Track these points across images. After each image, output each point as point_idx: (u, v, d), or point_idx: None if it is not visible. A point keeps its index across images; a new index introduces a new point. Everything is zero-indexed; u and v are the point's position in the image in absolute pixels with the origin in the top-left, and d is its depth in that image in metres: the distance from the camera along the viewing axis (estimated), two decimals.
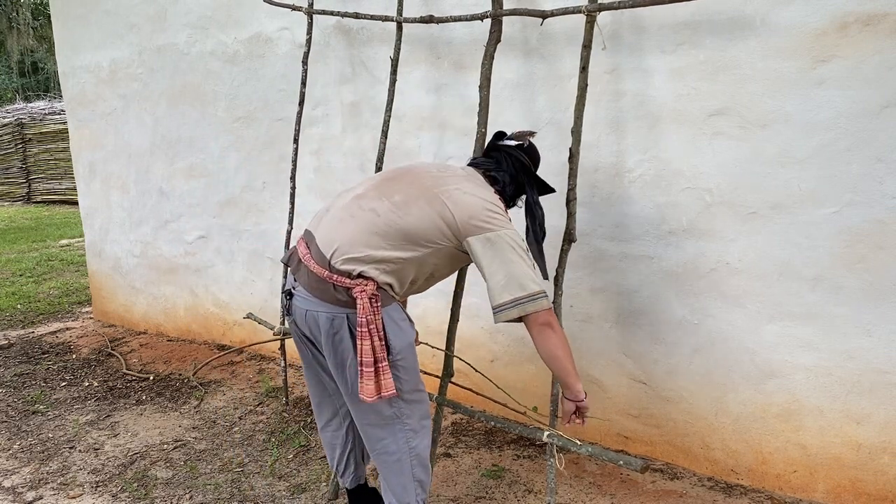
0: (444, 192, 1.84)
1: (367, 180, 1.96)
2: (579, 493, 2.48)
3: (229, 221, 4.02)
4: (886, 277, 2.09)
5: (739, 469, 2.46)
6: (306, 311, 1.83)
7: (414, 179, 1.89)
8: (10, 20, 22.87)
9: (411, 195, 1.84)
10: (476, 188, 1.89)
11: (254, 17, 3.58)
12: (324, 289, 1.80)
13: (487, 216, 1.83)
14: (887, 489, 2.19)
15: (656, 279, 2.52)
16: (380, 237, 1.81)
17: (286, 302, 1.90)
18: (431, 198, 1.83)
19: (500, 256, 1.80)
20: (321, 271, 1.79)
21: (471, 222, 1.81)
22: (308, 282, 1.82)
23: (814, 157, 2.14)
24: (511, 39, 2.65)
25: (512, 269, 1.80)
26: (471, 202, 1.83)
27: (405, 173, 1.94)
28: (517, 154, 2.04)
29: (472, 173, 1.98)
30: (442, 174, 1.92)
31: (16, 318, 5.21)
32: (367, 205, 1.84)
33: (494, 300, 1.82)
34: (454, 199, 1.83)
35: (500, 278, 1.80)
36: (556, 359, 1.86)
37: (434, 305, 3.21)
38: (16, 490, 2.67)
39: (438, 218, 1.81)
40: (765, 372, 2.35)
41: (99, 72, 4.51)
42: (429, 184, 1.87)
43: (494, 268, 1.80)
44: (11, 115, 13.96)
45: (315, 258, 1.81)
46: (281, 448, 2.93)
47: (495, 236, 1.81)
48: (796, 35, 2.10)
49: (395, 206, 1.83)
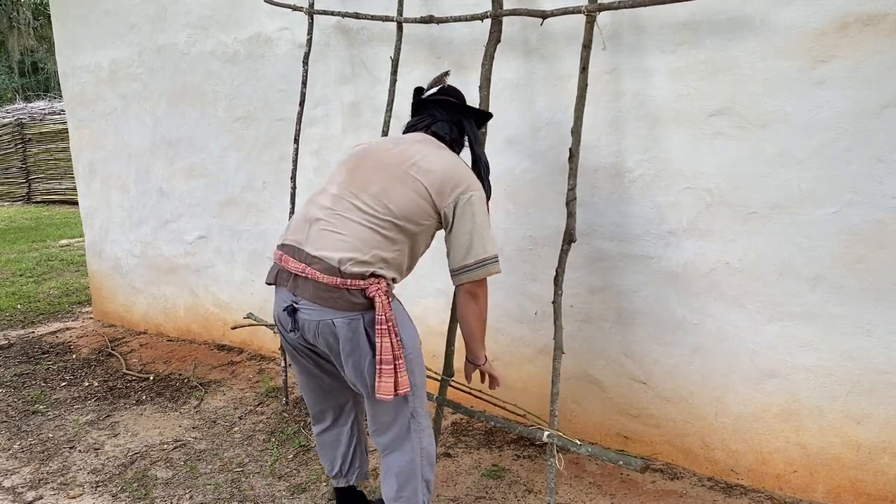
0: (411, 167, 1.87)
1: (332, 178, 1.95)
2: (579, 493, 2.48)
3: (229, 221, 4.02)
4: (886, 277, 2.09)
5: (739, 469, 2.46)
6: (319, 321, 1.81)
7: (378, 164, 1.90)
8: (10, 20, 22.87)
9: (385, 181, 1.86)
10: (433, 151, 1.93)
11: (254, 17, 3.58)
12: (337, 296, 1.79)
13: (455, 179, 1.88)
14: (887, 489, 2.19)
15: (656, 279, 2.52)
16: (379, 234, 1.83)
17: (288, 319, 1.86)
18: (403, 177, 1.86)
19: (471, 219, 1.87)
20: (332, 280, 1.78)
21: (443, 190, 1.86)
22: (316, 293, 1.80)
23: (814, 157, 2.14)
24: (511, 39, 2.65)
25: (479, 231, 1.87)
26: (436, 169, 1.87)
27: (366, 159, 1.94)
28: (443, 99, 2.06)
29: (422, 137, 2.00)
30: (399, 148, 1.93)
31: (16, 318, 5.21)
32: (350, 204, 1.86)
33: (459, 262, 1.89)
34: (422, 171, 1.87)
35: (467, 240, 1.87)
36: (478, 321, 1.97)
37: (434, 305, 3.21)
38: (16, 490, 2.67)
39: (417, 196, 1.85)
40: (765, 372, 2.35)
41: (99, 72, 4.51)
42: (394, 162, 1.89)
43: (464, 229, 1.87)
44: (11, 115, 13.97)
45: (321, 269, 1.79)
46: (281, 448, 2.93)
47: (466, 199, 1.87)
48: (796, 35, 2.10)
49: (376, 199, 1.85)
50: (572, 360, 2.75)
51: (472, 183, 1.90)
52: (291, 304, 1.84)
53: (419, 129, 2.05)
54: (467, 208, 1.86)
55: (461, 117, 2.07)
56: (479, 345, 2.03)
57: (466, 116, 2.08)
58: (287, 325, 1.87)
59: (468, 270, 1.89)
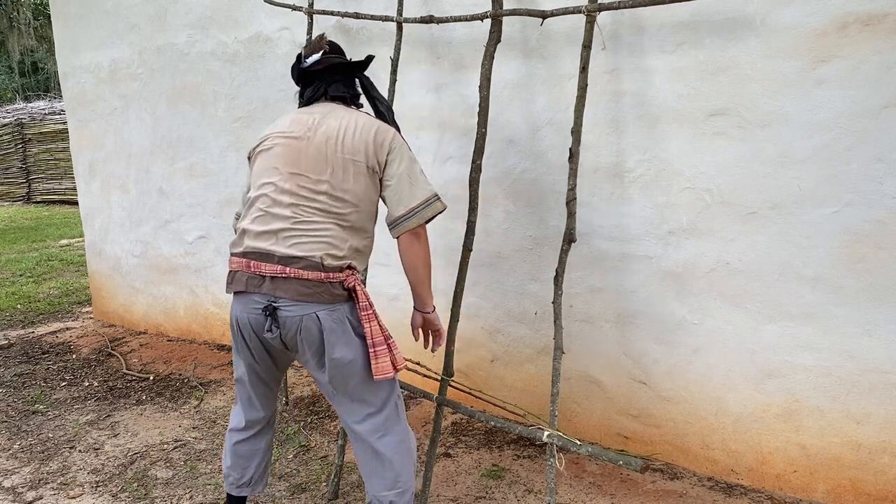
0: (342, 151, 1.92)
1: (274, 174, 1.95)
2: (579, 493, 2.48)
3: (230, 221, 4.02)
4: (886, 277, 2.09)
5: (739, 469, 2.46)
6: (302, 316, 1.84)
7: (316, 150, 1.92)
8: (10, 20, 22.87)
9: (334, 166, 1.91)
10: (346, 121, 1.96)
11: (254, 17, 3.58)
12: (321, 290, 1.85)
13: (378, 137, 1.95)
14: (887, 489, 2.19)
15: (656, 279, 2.52)
16: (349, 228, 1.92)
17: (265, 319, 1.87)
18: (343, 165, 1.91)
19: (407, 164, 1.96)
20: (317, 275, 1.84)
21: (375, 152, 1.93)
22: (299, 290, 1.84)
23: (814, 157, 2.14)
24: (511, 39, 2.65)
25: (415, 174, 1.97)
26: (359, 139, 1.93)
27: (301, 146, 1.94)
28: (328, 61, 2.05)
29: (328, 109, 2.01)
30: (318, 133, 1.95)
31: (16, 318, 5.21)
32: (312, 208, 1.89)
33: (405, 206, 1.93)
34: (352, 151, 1.91)
35: (406, 184, 1.94)
36: (425, 264, 2.01)
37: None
38: (16, 490, 2.67)
39: (362, 176, 1.92)
40: (765, 372, 2.35)
41: (99, 72, 4.51)
42: (328, 153, 1.92)
43: (401, 176, 1.94)
44: (11, 115, 13.97)
45: (303, 267, 1.84)
46: (281, 448, 2.93)
47: (395, 148, 1.96)
48: (796, 35, 2.10)
49: (332, 195, 1.90)
50: (572, 360, 2.75)
51: (390, 133, 1.98)
52: (269, 304, 1.86)
53: (323, 99, 2.06)
54: (397, 156, 1.95)
55: (350, 71, 2.11)
56: (428, 291, 2.07)
57: (356, 71, 2.13)
58: (262, 325, 1.89)
59: (415, 214, 1.94)
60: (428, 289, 2.06)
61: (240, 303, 1.93)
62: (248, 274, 1.90)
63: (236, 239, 1.97)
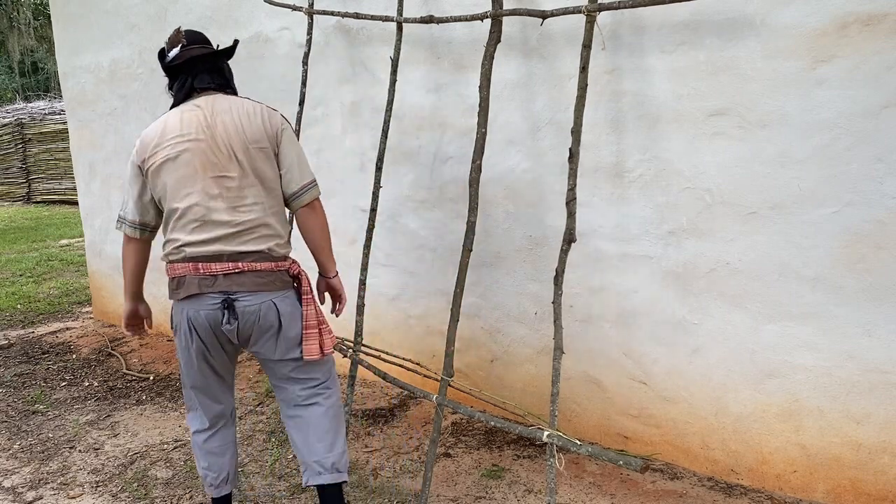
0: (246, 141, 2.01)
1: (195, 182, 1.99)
2: (579, 493, 2.48)
3: None
4: (886, 277, 2.09)
5: (739, 469, 2.46)
6: (261, 304, 1.99)
7: (225, 147, 2.00)
8: (10, 20, 22.87)
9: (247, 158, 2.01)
10: (235, 105, 2.06)
11: (254, 17, 3.58)
12: (274, 279, 2.01)
13: (268, 121, 2.06)
14: (887, 489, 2.19)
15: (656, 279, 2.52)
16: (280, 216, 2.08)
17: (222, 314, 1.96)
18: (255, 155, 2.02)
19: (295, 145, 2.12)
20: (268, 265, 2.00)
21: (270, 136, 2.05)
22: (254, 282, 1.98)
23: (814, 157, 2.14)
24: (511, 39, 2.65)
25: (303, 155, 2.14)
26: (257, 122, 2.04)
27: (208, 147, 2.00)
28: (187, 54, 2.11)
29: (209, 102, 2.07)
30: (217, 120, 2.02)
31: (16, 318, 5.21)
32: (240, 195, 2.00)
33: (299, 182, 2.08)
34: (254, 139, 2.02)
35: (296, 163, 2.09)
36: (325, 232, 2.17)
37: (434, 305, 3.21)
38: (16, 490, 2.67)
39: (269, 158, 2.04)
40: (765, 372, 2.35)
41: (99, 72, 4.51)
42: (233, 137, 2.01)
43: (294, 155, 2.09)
44: (11, 115, 13.97)
45: (255, 260, 1.99)
46: (281, 448, 2.93)
47: (284, 129, 2.09)
48: (796, 35, 2.10)
49: (255, 179, 2.01)
50: (572, 360, 2.75)
51: (277, 114, 2.12)
52: (226, 299, 1.96)
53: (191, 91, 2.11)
54: (287, 137, 2.09)
55: (215, 61, 2.16)
56: (330, 257, 2.22)
57: (222, 59, 2.20)
58: (219, 321, 1.98)
59: (309, 189, 2.11)
60: (329, 255, 2.21)
61: (191, 305, 1.99)
62: (198, 276, 1.97)
63: (172, 249, 2.03)
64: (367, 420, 3.15)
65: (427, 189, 3.10)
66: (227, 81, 2.19)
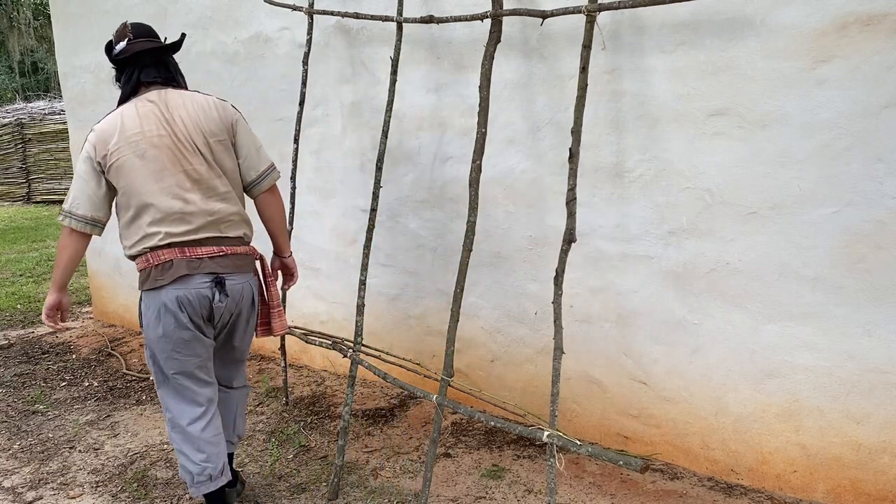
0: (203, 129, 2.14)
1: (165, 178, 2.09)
2: (579, 493, 2.48)
3: None
4: (886, 277, 2.09)
5: (739, 469, 2.46)
6: (243, 284, 2.19)
7: (188, 142, 2.11)
8: (10, 20, 22.87)
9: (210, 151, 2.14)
10: (188, 100, 2.16)
11: (254, 17, 3.58)
12: (248, 262, 2.24)
13: (226, 113, 2.21)
14: (887, 489, 2.19)
15: (656, 279, 2.52)
16: (238, 196, 2.23)
17: (212, 292, 2.09)
18: (215, 147, 2.15)
19: (251, 134, 2.27)
20: (245, 249, 2.21)
21: (226, 129, 2.18)
22: (236, 263, 2.17)
23: (814, 157, 2.14)
24: (511, 39, 2.65)
25: (259, 146, 2.27)
26: (213, 115, 2.17)
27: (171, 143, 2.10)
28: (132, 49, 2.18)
29: (164, 94, 2.16)
30: (175, 115, 2.12)
31: (16, 318, 5.21)
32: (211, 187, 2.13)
33: (260, 168, 2.25)
34: (212, 132, 2.15)
35: (255, 150, 2.25)
36: (283, 215, 2.37)
37: (434, 305, 3.21)
38: (16, 490, 2.67)
39: (228, 149, 2.19)
40: (765, 372, 2.35)
41: (99, 72, 4.50)
42: (193, 132, 2.13)
43: (251, 144, 2.25)
44: (11, 115, 13.96)
45: (234, 244, 2.18)
46: (281, 448, 2.93)
47: (238, 119, 2.24)
48: (796, 35, 2.10)
49: (220, 171, 2.16)
50: (572, 360, 2.75)
51: (228, 104, 2.25)
52: (217, 277, 2.10)
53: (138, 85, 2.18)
54: (241, 127, 2.24)
55: (160, 55, 2.22)
56: (285, 238, 2.44)
57: (168, 52, 2.26)
58: (210, 299, 2.09)
59: (268, 174, 2.27)
60: (285, 236, 2.43)
61: (179, 286, 2.07)
62: (186, 259, 2.08)
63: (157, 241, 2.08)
64: (367, 420, 3.15)
65: (427, 189, 3.10)
66: (172, 75, 2.24)
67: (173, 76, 2.24)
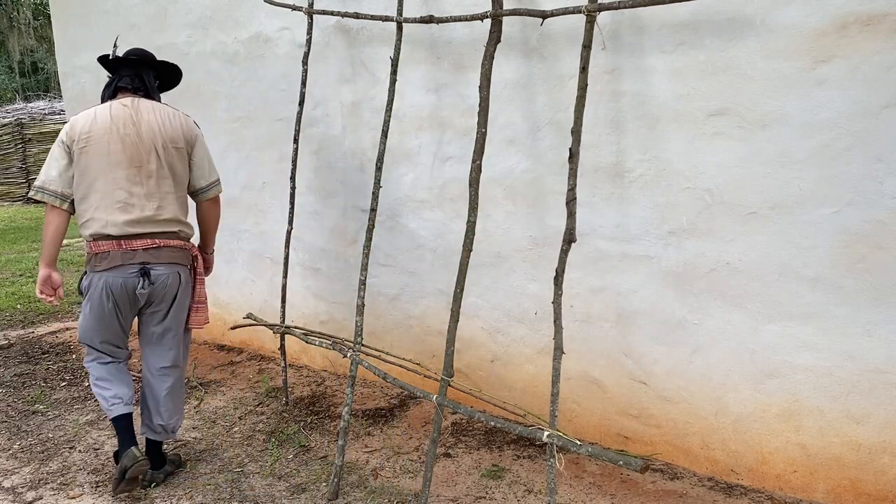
0: (165, 141, 2.48)
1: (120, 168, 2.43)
2: (579, 493, 2.48)
3: (229, 222, 4.02)
4: (886, 277, 2.09)
5: (739, 469, 2.46)
6: (170, 273, 2.50)
7: (149, 142, 2.45)
8: (10, 20, 22.86)
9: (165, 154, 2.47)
10: (157, 110, 2.52)
11: (254, 17, 3.58)
12: (181, 254, 2.54)
13: (186, 128, 2.55)
14: (887, 489, 2.19)
15: (656, 279, 2.52)
16: (182, 198, 2.56)
17: (139, 279, 2.44)
18: (169, 147, 2.48)
19: (206, 149, 2.62)
20: (179, 243, 2.52)
21: (187, 141, 2.52)
22: (169, 255, 2.49)
23: (814, 157, 2.14)
24: (511, 39, 2.65)
25: (210, 158, 2.63)
26: (176, 125, 2.52)
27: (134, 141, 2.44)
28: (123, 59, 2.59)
29: (137, 101, 2.52)
30: (143, 119, 2.47)
31: (16, 318, 5.21)
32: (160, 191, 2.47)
33: (207, 179, 2.62)
34: (173, 139, 2.50)
35: (207, 163, 2.61)
36: (217, 222, 2.76)
37: (434, 305, 3.21)
38: (16, 490, 2.67)
39: (183, 156, 2.52)
40: (765, 372, 2.35)
41: (99, 72, 4.49)
42: (155, 135, 2.47)
43: (204, 157, 2.60)
44: (11, 115, 13.96)
45: (169, 237, 2.49)
46: (281, 448, 2.93)
47: (198, 135, 2.59)
48: (796, 35, 2.10)
49: (169, 172, 2.49)
50: (572, 360, 2.75)
51: (191, 120, 2.60)
52: (143, 268, 2.44)
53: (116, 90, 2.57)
54: (199, 141, 2.59)
55: (140, 70, 2.61)
56: (213, 239, 2.82)
57: (145, 69, 2.63)
58: (135, 285, 2.44)
59: (214, 186, 2.65)
60: (213, 237, 2.80)
61: (112, 274, 2.44)
62: (121, 251, 2.43)
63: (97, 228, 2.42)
64: (367, 420, 3.15)
65: (427, 189, 3.10)
66: (147, 89, 2.60)
67: (148, 90, 2.60)
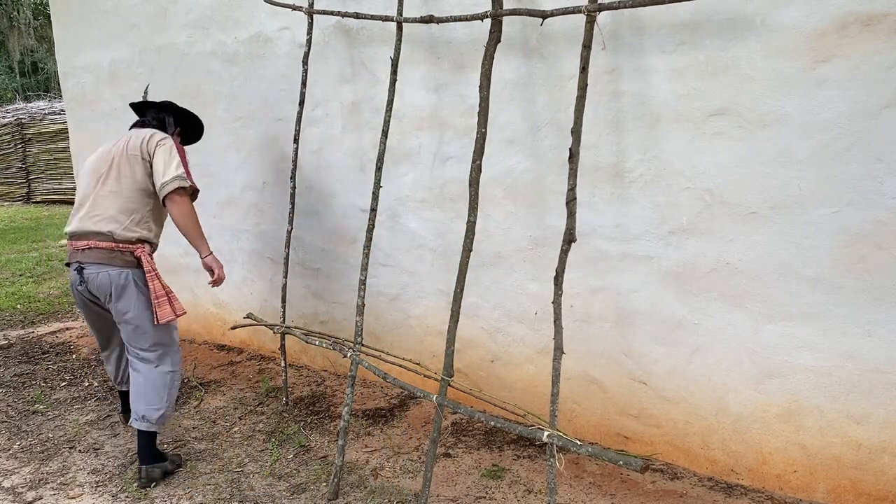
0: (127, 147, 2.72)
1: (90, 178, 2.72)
2: (579, 493, 2.48)
3: (229, 221, 4.02)
4: (886, 277, 2.09)
5: (739, 469, 2.46)
6: (98, 274, 2.61)
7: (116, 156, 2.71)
8: (10, 20, 22.86)
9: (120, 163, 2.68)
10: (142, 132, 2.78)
11: (254, 17, 3.58)
12: (113, 256, 2.63)
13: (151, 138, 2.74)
14: (887, 489, 2.19)
15: (656, 279, 2.52)
16: (130, 204, 2.67)
17: (77, 277, 2.65)
18: (130, 159, 2.69)
19: (167, 152, 2.72)
20: (109, 245, 2.62)
21: (147, 147, 2.71)
22: (98, 256, 2.61)
23: (814, 157, 2.14)
24: (511, 39, 2.65)
25: (171, 159, 2.73)
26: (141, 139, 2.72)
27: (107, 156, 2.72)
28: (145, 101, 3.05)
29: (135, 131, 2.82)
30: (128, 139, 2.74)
31: (16, 318, 5.21)
32: (107, 191, 2.66)
33: (164, 176, 2.67)
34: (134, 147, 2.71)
35: (163, 163, 2.69)
36: (189, 220, 2.73)
37: (434, 305, 3.21)
38: (16, 490, 2.67)
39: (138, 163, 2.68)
40: (765, 372, 2.35)
41: (99, 72, 4.51)
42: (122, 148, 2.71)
43: (162, 158, 2.70)
44: (11, 115, 13.95)
45: (99, 240, 2.61)
46: (281, 448, 2.93)
47: (160, 141, 2.74)
48: (796, 35, 2.10)
49: (120, 181, 2.67)
50: (572, 360, 2.75)
51: (159, 135, 2.76)
52: (78, 266, 2.64)
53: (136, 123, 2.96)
54: (161, 147, 2.72)
55: (164, 114, 2.99)
56: (198, 241, 2.78)
57: (168, 112, 3.00)
58: (76, 282, 2.67)
59: (168, 184, 2.67)
60: (196, 239, 2.77)
61: (70, 270, 2.71)
62: (72, 249, 2.68)
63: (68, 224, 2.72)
64: (367, 420, 3.15)
65: (427, 189, 3.10)
66: (156, 123, 2.94)
67: (158, 124, 2.94)
